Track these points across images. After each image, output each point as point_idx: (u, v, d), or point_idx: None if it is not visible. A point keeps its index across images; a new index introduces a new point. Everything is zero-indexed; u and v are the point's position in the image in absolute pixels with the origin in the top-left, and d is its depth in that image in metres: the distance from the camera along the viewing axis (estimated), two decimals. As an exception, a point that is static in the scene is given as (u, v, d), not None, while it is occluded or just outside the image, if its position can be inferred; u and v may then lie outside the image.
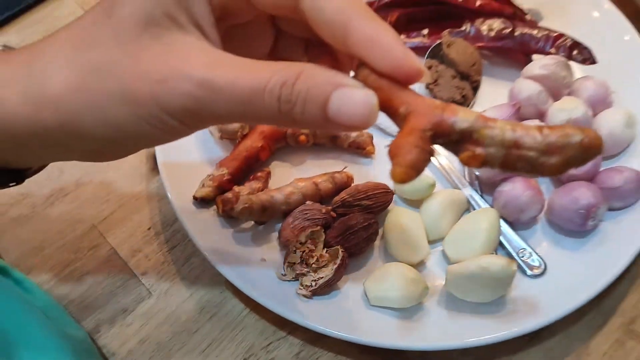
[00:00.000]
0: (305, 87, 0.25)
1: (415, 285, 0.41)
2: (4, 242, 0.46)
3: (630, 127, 0.47)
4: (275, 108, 0.25)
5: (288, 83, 0.25)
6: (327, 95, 0.25)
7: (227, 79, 0.25)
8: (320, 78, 0.25)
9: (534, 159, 0.24)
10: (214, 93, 0.25)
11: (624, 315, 0.43)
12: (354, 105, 0.25)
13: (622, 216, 0.44)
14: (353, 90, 0.25)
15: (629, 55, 0.51)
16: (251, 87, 0.25)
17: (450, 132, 0.25)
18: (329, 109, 0.25)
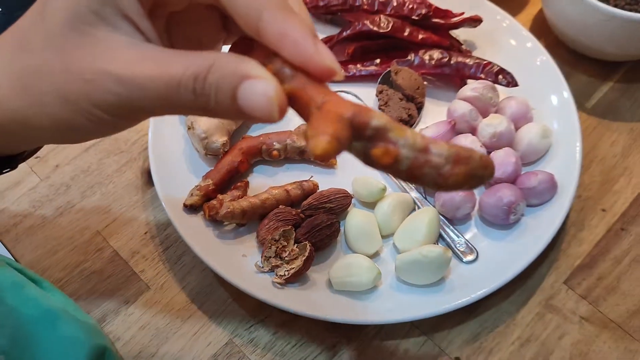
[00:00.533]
0: (216, 79, 0.25)
1: (370, 272, 0.48)
2: (19, 248, 0.53)
3: (545, 138, 0.55)
4: (191, 100, 0.26)
5: (200, 76, 0.25)
6: (236, 87, 0.25)
7: (145, 75, 0.25)
8: (228, 69, 0.25)
9: (441, 165, 0.24)
10: (135, 90, 0.26)
11: (544, 293, 0.51)
12: (256, 96, 0.25)
13: (538, 211, 0.52)
14: (256, 82, 0.25)
15: (544, 76, 0.59)
16: (167, 82, 0.25)
17: (365, 126, 0.24)
18: (238, 100, 0.25)
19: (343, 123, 0.24)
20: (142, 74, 0.26)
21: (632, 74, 0.64)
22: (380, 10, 0.61)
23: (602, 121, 0.61)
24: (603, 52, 0.62)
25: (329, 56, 0.25)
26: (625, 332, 0.49)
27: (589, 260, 0.53)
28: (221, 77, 0.25)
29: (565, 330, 0.50)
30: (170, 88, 0.25)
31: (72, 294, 0.51)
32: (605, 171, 0.58)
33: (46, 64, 0.27)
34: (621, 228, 0.54)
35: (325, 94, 0.25)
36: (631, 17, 0.56)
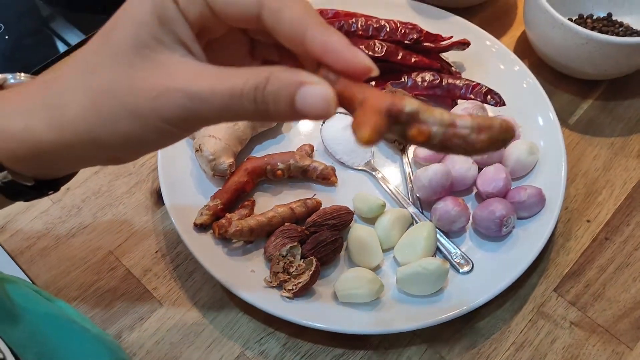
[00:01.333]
0: (275, 88, 0.28)
1: (373, 284, 0.51)
2: (34, 269, 0.55)
3: (532, 154, 0.59)
4: (252, 108, 0.29)
5: (260, 87, 0.28)
6: (294, 93, 0.28)
7: (209, 89, 0.29)
8: (285, 79, 0.29)
9: (467, 135, 0.28)
10: (200, 102, 0.29)
11: (535, 300, 0.54)
12: (315, 98, 0.28)
13: (528, 223, 0.56)
14: (314, 87, 0.28)
15: (530, 96, 0.63)
16: (230, 94, 0.29)
17: (400, 113, 0.27)
18: (296, 104, 0.29)
19: (381, 114, 0.28)
20: (206, 87, 0.29)
21: (610, 92, 0.68)
22: (374, 35, 0.65)
23: (584, 137, 0.65)
24: (583, 72, 0.66)
25: (365, 57, 0.29)
26: (612, 335, 0.53)
27: (577, 268, 0.56)
28: (280, 86, 0.29)
29: (556, 335, 0.53)
30: (233, 98, 0.29)
31: (88, 312, 0.53)
32: (589, 184, 0.61)
33: (116, 85, 0.30)
34: (605, 237, 0.58)
35: (365, 91, 0.29)
36: (607, 39, 0.60)
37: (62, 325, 0.45)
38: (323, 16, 0.68)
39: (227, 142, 0.56)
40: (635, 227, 0.59)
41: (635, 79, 0.68)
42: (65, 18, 0.73)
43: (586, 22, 0.70)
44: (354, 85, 0.29)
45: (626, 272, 0.56)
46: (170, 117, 0.30)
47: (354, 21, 0.65)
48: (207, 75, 0.30)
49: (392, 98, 0.28)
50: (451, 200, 0.55)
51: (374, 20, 0.65)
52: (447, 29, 0.67)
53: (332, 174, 0.59)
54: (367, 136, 0.27)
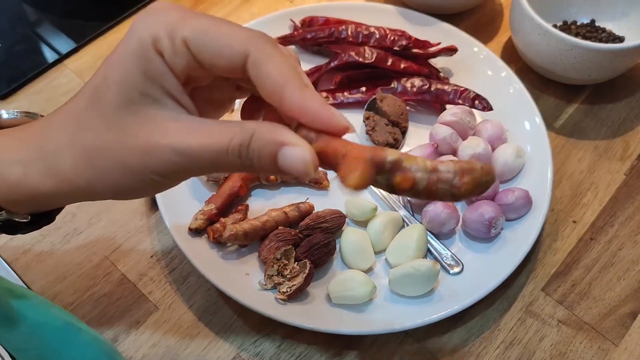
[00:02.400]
0: (258, 146, 0.30)
1: (366, 286, 0.52)
2: (29, 275, 0.55)
3: (519, 158, 0.60)
4: (238, 163, 0.31)
5: (244, 144, 0.30)
6: (276, 153, 0.30)
7: (197, 146, 0.30)
8: (268, 137, 0.30)
9: (451, 179, 0.29)
10: (189, 158, 0.31)
11: (524, 299, 0.56)
12: (295, 159, 0.30)
13: (516, 225, 0.57)
14: (293, 148, 0.30)
15: (517, 102, 0.65)
16: (217, 150, 0.30)
17: (383, 163, 0.29)
18: (278, 163, 0.30)
19: (366, 163, 0.29)
20: (194, 144, 0.30)
21: (594, 97, 0.70)
22: (364, 42, 0.66)
23: (570, 140, 0.67)
24: (567, 77, 0.67)
25: (342, 117, 0.31)
26: (598, 332, 0.54)
27: (563, 268, 0.58)
28: (262, 144, 0.30)
29: (544, 333, 0.54)
30: (220, 155, 0.30)
31: (84, 317, 0.53)
32: (574, 186, 0.63)
33: (108, 142, 0.31)
34: (590, 238, 0.60)
35: (347, 145, 0.30)
36: (590, 46, 0.62)
37: (60, 329, 0.46)
38: (314, 23, 0.69)
39: None
40: (619, 228, 0.60)
41: (618, 83, 0.70)
42: (56, 25, 0.74)
43: (570, 28, 0.72)
44: (335, 140, 0.30)
45: (611, 271, 0.58)
46: (162, 172, 0.31)
47: (344, 28, 0.66)
48: (195, 132, 0.31)
49: (373, 149, 0.29)
50: (441, 203, 0.56)
51: (364, 27, 0.67)
52: (436, 35, 0.68)
53: (324, 178, 0.60)
54: (357, 181, 0.29)
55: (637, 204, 0.62)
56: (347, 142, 0.30)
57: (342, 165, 0.30)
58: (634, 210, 0.61)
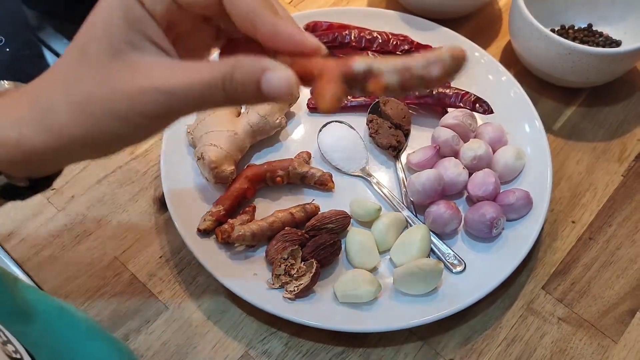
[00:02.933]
0: (241, 76, 0.31)
1: (371, 284, 0.53)
2: (42, 275, 0.57)
3: (520, 159, 0.62)
4: (222, 96, 0.32)
5: (227, 77, 0.31)
6: (259, 79, 0.31)
7: (181, 85, 0.32)
8: (249, 67, 0.31)
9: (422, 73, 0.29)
10: (175, 98, 0.32)
11: (525, 298, 0.57)
12: (279, 82, 0.31)
13: (517, 225, 0.58)
14: (276, 72, 0.31)
15: (517, 105, 0.66)
16: (201, 87, 0.32)
17: (354, 74, 0.30)
18: (262, 88, 0.31)
19: (337, 81, 0.30)
20: (178, 83, 0.32)
21: (592, 99, 0.71)
22: (367, 46, 0.67)
23: (568, 142, 0.68)
24: (566, 80, 0.69)
25: (313, 38, 0.33)
26: (598, 330, 0.56)
27: (563, 267, 0.59)
28: (245, 73, 0.32)
29: (545, 331, 0.55)
30: (203, 90, 0.32)
31: (95, 316, 0.54)
32: (573, 187, 0.64)
33: (98, 91, 0.33)
34: (589, 237, 0.61)
35: (319, 64, 0.31)
36: (588, 50, 0.63)
37: (74, 325, 0.47)
38: (317, 28, 0.71)
39: (228, 151, 0.58)
40: (617, 227, 0.62)
41: (615, 86, 0.72)
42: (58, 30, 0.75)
43: (568, 32, 0.73)
44: (310, 61, 0.31)
45: (609, 270, 0.59)
46: (149, 114, 0.33)
47: (348, 33, 0.68)
48: (178, 72, 0.33)
49: (343, 63, 0.30)
50: (444, 204, 0.58)
51: (367, 32, 0.68)
52: (437, 40, 0.70)
53: (329, 180, 0.61)
54: (327, 105, 0.30)
55: (634, 204, 0.63)
56: (321, 60, 0.31)
57: (316, 85, 0.31)
58: (631, 211, 0.63)
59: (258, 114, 0.60)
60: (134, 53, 0.33)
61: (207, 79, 0.32)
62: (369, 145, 0.65)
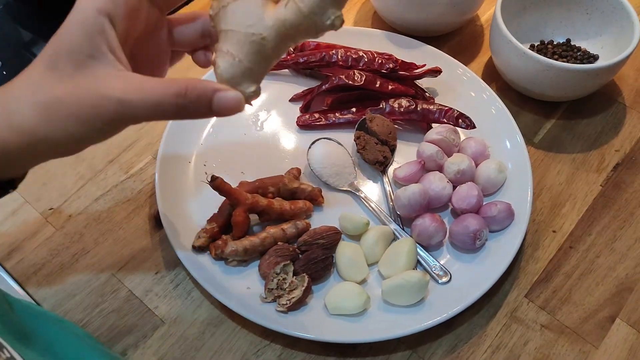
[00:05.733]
0: (195, 95, 0.37)
1: (360, 296, 0.55)
2: (41, 293, 0.58)
3: (501, 172, 0.64)
4: (174, 110, 0.38)
5: (181, 93, 0.37)
6: (211, 97, 0.38)
7: (137, 97, 0.37)
8: (203, 88, 0.38)
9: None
10: (131, 107, 0.37)
11: (509, 306, 0.59)
12: (230, 100, 0.38)
13: (500, 236, 0.61)
14: (227, 92, 0.38)
15: (498, 120, 0.69)
16: (155, 100, 0.37)
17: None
18: (213, 106, 0.38)
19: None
20: (135, 96, 0.37)
21: (571, 112, 0.74)
22: (354, 65, 0.70)
23: (548, 153, 0.71)
24: (545, 95, 0.72)
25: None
26: (579, 336, 0.58)
27: (545, 275, 0.61)
28: (199, 93, 0.38)
29: (528, 338, 0.58)
30: (158, 104, 0.37)
31: (93, 332, 0.56)
32: (554, 197, 0.67)
33: (64, 98, 0.37)
34: (570, 246, 0.63)
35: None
36: (565, 66, 0.66)
37: (73, 342, 0.48)
38: (305, 48, 0.73)
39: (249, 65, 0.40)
40: (596, 236, 0.64)
41: (593, 99, 0.74)
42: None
43: (547, 47, 0.76)
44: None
45: (590, 278, 0.61)
46: (107, 120, 0.38)
47: (335, 52, 0.70)
48: (135, 85, 0.38)
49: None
50: (429, 217, 0.60)
51: (353, 51, 0.71)
52: (421, 57, 0.72)
53: (319, 195, 0.63)
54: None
55: (613, 214, 0.66)
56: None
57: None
58: (610, 220, 0.65)
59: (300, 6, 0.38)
60: (96, 66, 0.38)
61: (161, 94, 0.37)
62: (357, 160, 0.67)
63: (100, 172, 0.66)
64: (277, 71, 0.73)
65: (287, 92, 0.72)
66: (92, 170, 0.66)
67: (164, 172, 0.63)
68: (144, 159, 0.67)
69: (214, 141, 0.68)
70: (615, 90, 0.76)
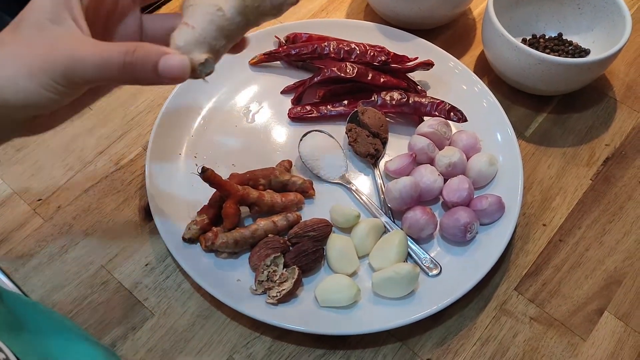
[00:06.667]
0: (142, 54, 0.38)
1: (350, 289, 0.55)
2: (29, 285, 0.58)
3: (492, 165, 0.64)
4: (121, 69, 0.38)
5: (129, 52, 0.38)
6: (158, 59, 0.38)
7: (88, 53, 0.38)
8: (151, 49, 0.39)
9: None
10: (80, 62, 0.38)
11: (498, 299, 0.59)
12: (175, 63, 0.38)
13: (490, 229, 0.61)
14: (173, 56, 0.39)
15: (490, 113, 0.69)
16: (104, 58, 0.38)
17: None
18: (159, 68, 0.38)
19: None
20: (84, 52, 0.39)
21: (562, 106, 0.74)
22: (346, 57, 0.70)
23: (539, 147, 0.71)
24: (536, 89, 0.72)
25: None
26: (568, 328, 0.58)
27: (535, 268, 0.62)
28: (146, 53, 0.39)
29: (518, 330, 0.58)
30: (104, 60, 0.38)
31: (82, 324, 0.56)
32: (544, 191, 0.67)
33: (17, 52, 0.39)
34: (559, 239, 0.64)
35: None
36: (557, 60, 0.66)
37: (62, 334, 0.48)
38: (297, 40, 0.73)
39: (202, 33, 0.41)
40: (586, 230, 0.65)
41: (584, 94, 0.75)
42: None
43: (539, 41, 0.76)
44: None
45: (579, 271, 0.62)
46: (56, 75, 0.38)
47: (327, 45, 0.70)
48: (88, 45, 0.39)
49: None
50: (420, 210, 0.60)
51: (345, 43, 0.70)
52: (413, 50, 0.72)
53: (310, 187, 0.63)
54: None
55: (602, 207, 0.66)
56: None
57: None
58: (599, 213, 0.66)
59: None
60: (56, 27, 0.40)
61: (111, 52, 0.39)
62: (348, 153, 0.67)
63: (89, 164, 0.66)
64: (268, 63, 0.73)
65: (279, 84, 0.72)
66: (81, 161, 0.66)
67: (154, 163, 0.62)
68: (134, 150, 0.67)
69: (204, 133, 0.67)
70: (606, 85, 0.76)
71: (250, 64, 0.73)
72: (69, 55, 0.38)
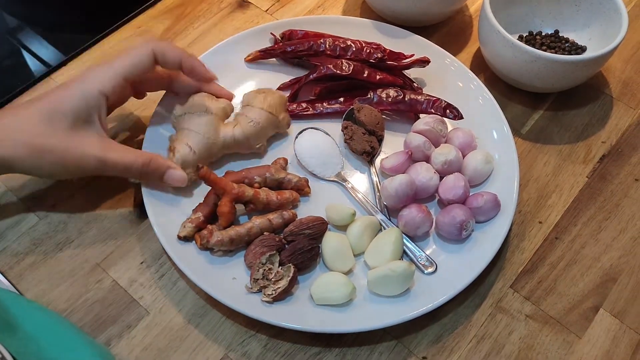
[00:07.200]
0: (154, 166, 0.57)
1: (346, 287, 0.55)
2: (24, 283, 0.58)
3: (488, 163, 0.64)
4: (137, 174, 0.57)
5: (145, 163, 0.56)
6: (164, 172, 0.57)
7: (113, 158, 0.54)
8: (160, 163, 0.57)
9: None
10: (106, 165, 0.54)
11: (494, 296, 0.59)
12: (176, 176, 0.58)
13: (486, 227, 0.61)
14: (175, 171, 0.58)
15: (486, 111, 0.68)
16: (126, 164, 0.55)
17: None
18: (165, 177, 0.58)
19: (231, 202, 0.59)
20: (112, 157, 0.55)
21: (558, 104, 0.74)
22: (342, 54, 0.69)
23: (535, 145, 0.71)
24: (532, 86, 0.72)
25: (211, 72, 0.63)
26: (563, 326, 0.58)
27: (530, 266, 0.62)
28: (158, 166, 0.57)
29: (513, 328, 0.58)
30: (128, 167, 0.56)
31: (77, 322, 0.56)
32: (540, 188, 0.67)
33: (55, 147, 0.53)
34: (555, 237, 0.64)
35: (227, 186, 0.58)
36: (553, 57, 0.66)
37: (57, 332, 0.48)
38: (293, 37, 0.72)
39: (199, 157, 0.61)
40: (582, 227, 0.65)
41: (580, 91, 0.75)
42: (45, 38, 0.75)
43: (535, 38, 0.76)
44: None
45: (575, 268, 0.62)
46: (87, 171, 0.55)
47: (323, 42, 0.70)
48: (113, 149, 0.55)
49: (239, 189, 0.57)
50: (416, 208, 0.60)
51: (341, 40, 0.70)
52: (409, 47, 0.72)
53: (305, 185, 0.63)
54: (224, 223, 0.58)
55: (598, 205, 0.66)
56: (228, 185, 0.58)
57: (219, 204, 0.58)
58: (595, 211, 0.66)
59: (244, 133, 0.62)
60: (87, 128, 0.54)
61: (131, 161, 0.56)
62: (344, 151, 0.67)
63: (84, 161, 0.66)
64: (264, 60, 0.73)
65: (275, 81, 0.71)
66: (76, 159, 0.66)
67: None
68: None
69: (200, 130, 0.67)
70: (602, 82, 0.76)
71: (246, 61, 0.72)
72: (98, 159, 0.54)
